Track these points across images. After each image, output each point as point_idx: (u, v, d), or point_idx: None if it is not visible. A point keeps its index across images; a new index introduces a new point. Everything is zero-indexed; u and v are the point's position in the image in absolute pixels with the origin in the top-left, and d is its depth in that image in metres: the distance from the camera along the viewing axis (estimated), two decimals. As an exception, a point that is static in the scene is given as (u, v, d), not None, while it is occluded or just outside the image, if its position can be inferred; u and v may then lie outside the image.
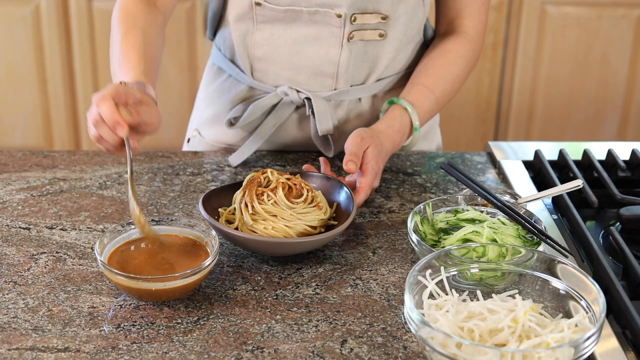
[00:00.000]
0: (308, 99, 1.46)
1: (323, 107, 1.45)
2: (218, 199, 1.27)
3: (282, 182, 1.23)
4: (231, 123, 1.50)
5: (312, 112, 1.46)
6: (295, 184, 1.24)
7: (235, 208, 1.24)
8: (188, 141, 1.65)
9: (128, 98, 1.17)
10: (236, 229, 1.21)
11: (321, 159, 1.39)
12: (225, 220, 1.24)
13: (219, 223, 1.19)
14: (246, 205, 1.21)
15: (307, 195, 1.24)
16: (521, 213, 1.22)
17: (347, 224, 1.21)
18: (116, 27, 1.38)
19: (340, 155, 1.49)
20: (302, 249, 1.21)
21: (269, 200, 1.21)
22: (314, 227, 1.22)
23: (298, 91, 1.47)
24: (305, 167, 1.39)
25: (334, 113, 1.49)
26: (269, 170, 1.25)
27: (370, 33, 1.42)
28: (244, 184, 1.25)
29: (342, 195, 1.29)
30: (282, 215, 1.20)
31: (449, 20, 1.51)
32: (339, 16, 1.39)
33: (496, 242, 1.16)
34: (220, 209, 1.26)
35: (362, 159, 1.32)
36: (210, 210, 1.23)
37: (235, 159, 1.49)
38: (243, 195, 1.22)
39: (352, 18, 1.40)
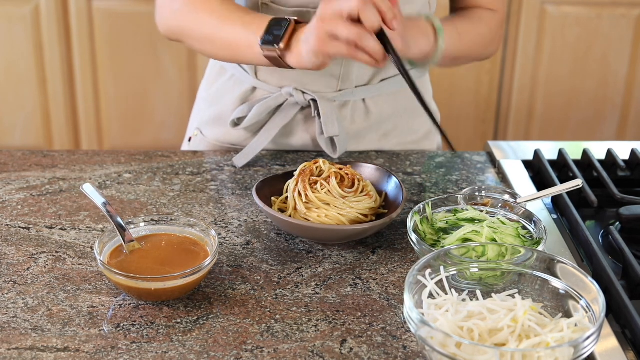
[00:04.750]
0: (314, 100, 1.46)
1: (329, 109, 1.45)
2: (270, 188, 1.31)
3: (335, 172, 1.27)
4: (235, 124, 1.49)
5: (318, 114, 1.46)
6: (347, 174, 1.28)
7: (287, 197, 1.28)
8: (189, 140, 1.64)
9: None
10: (289, 217, 1.24)
11: None
12: (278, 209, 1.28)
13: (274, 211, 1.23)
14: (300, 194, 1.25)
15: (359, 184, 1.27)
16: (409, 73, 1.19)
17: (399, 211, 1.25)
18: (202, 1, 1.34)
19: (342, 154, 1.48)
20: (356, 236, 1.24)
21: (322, 189, 1.24)
22: (365, 215, 1.26)
23: (303, 92, 1.46)
24: None
25: (340, 115, 1.48)
26: (320, 160, 1.29)
27: None
28: (296, 173, 1.28)
29: (391, 185, 1.33)
30: (334, 203, 1.24)
31: (466, 3, 1.49)
32: None
33: (496, 241, 1.16)
34: (272, 198, 1.30)
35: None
36: (262, 199, 1.27)
37: (240, 160, 1.49)
38: (296, 185, 1.26)
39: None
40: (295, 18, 1.27)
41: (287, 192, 1.30)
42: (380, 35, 1.19)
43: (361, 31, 1.16)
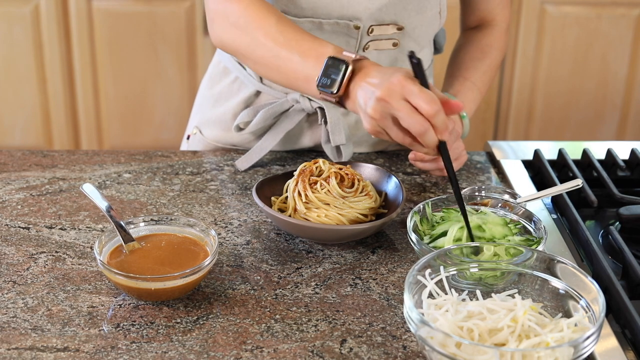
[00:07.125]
0: (321, 108, 1.44)
1: (336, 117, 1.44)
2: (270, 188, 1.31)
3: (334, 172, 1.27)
4: (240, 129, 1.49)
5: (324, 121, 1.45)
6: (347, 174, 1.28)
7: (287, 197, 1.28)
8: (188, 138, 1.64)
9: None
10: (289, 217, 1.24)
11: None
12: (278, 209, 1.28)
13: (274, 211, 1.23)
14: (299, 194, 1.25)
15: (358, 184, 1.27)
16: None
17: (399, 211, 1.25)
18: (258, 17, 1.28)
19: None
20: (356, 236, 1.24)
21: (322, 189, 1.25)
22: (365, 215, 1.26)
23: (310, 99, 1.44)
24: None
25: (345, 122, 1.48)
26: (320, 160, 1.29)
27: (384, 43, 1.42)
28: (296, 173, 1.28)
29: (391, 185, 1.33)
30: (334, 203, 1.24)
31: (479, 18, 1.56)
32: (357, 28, 1.38)
33: (483, 229, 1.16)
34: (272, 198, 1.30)
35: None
36: (262, 199, 1.27)
37: (243, 163, 1.48)
38: (296, 185, 1.26)
39: (370, 30, 1.39)
40: (353, 57, 1.19)
41: (287, 192, 1.30)
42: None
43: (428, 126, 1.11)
